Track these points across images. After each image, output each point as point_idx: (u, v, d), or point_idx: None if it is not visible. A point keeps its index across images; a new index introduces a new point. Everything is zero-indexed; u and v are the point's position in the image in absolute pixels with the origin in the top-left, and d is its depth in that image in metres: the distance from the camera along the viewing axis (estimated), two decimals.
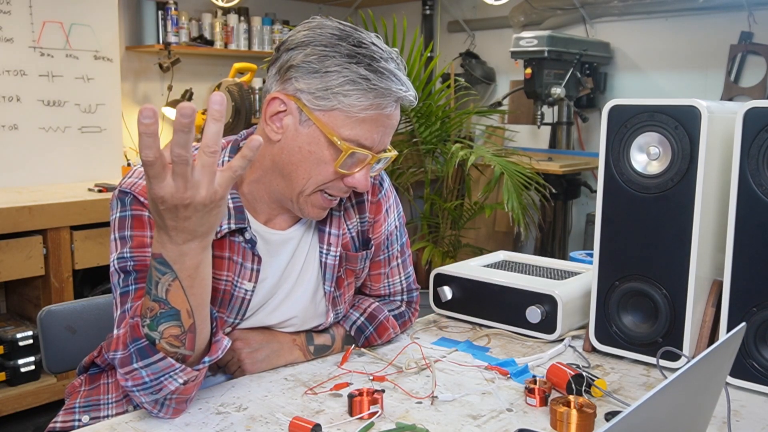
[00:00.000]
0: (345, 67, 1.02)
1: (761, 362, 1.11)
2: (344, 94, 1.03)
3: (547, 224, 4.16)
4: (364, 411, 0.99)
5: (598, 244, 1.25)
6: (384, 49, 1.08)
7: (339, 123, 1.04)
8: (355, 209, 1.26)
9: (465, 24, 4.81)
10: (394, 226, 1.33)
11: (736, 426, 1.00)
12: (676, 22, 3.90)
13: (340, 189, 1.10)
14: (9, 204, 2.64)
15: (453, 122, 3.85)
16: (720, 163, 1.18)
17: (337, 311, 1.25)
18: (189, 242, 0.89)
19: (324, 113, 1.05)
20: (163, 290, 0.92)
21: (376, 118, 1.05)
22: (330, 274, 1.22)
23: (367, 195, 1.27)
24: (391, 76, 1.05)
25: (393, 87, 1.04)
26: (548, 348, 1.31)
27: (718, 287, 1.21)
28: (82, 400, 1.20)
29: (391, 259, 1.34)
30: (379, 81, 1.03)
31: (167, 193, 0.83)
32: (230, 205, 1.10)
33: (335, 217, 1.22)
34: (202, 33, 4.10)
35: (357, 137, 1.05)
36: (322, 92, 1.03)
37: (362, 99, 1.03)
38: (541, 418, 1.02)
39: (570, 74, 3.78)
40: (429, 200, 3.90)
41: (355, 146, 1.05)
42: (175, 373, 0.94)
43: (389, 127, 1.09)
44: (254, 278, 1.13)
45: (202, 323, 0.95)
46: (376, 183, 1.28)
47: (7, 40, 3.14)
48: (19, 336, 2.77)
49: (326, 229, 1.22)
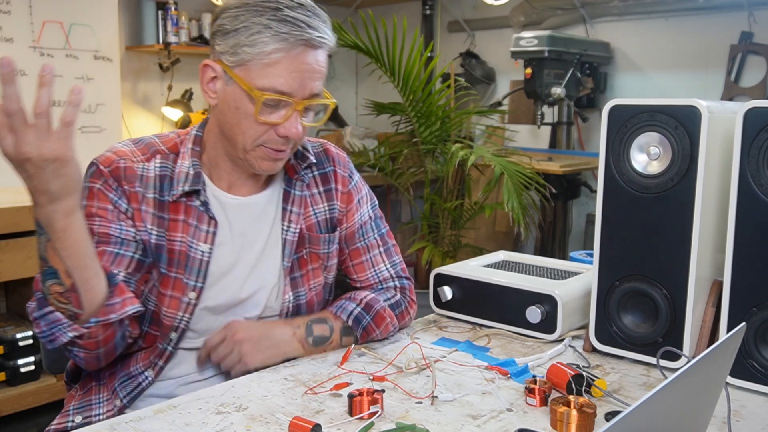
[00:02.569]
0: (251, 21, 1.10)
1: (761, 362, 1.11)
2: (250, 45, 1.10)
3: (547, 224, 4.16)
4: (364, 411, 0.99)
5: (598, 244, 1.25)
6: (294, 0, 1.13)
7: (253, 75, 1.11)
8: (323, 196, 1.32)
9: (465, 24, 4.81)
10: (369, 216, 1.38)
11: (736, 426, 1.00)
12: (676, 22, 3.90)
13: (276, 141, 1.15)
14: (9, 204, 2.64)
15: (453, 122, 3.85)
16: (720, 163, 1.18)
17: (297, 293, 1.28)
18: (50, 204, 0.96)
19: (240, 68, 1.12)
20: (43, 250, 1.02)
21: (285, 63, 1.10)
22: (289, 249, 1.27)
23: (336, 184, 1.33)
24: (297, 21, 1.09)
25: (294, 31, 1.09)
26: (548, 348, 1.31)
27: (718, 287, 1.21)
28: (75, 403, 1.23)
29: (371, 248, 1.37)
30: (280, 26, 1.09)
31: (8, 147, 0.91)
32: (189, 171, 1.20)
33: (298, 197, 1.29)
34: (202, 33, 4.10)
35: (272, 85, 1.10)
36: (234, 48, 1.11)
37: (266, 46, 1.09)
38: (541, 418, 1.02)
39: (570, 74, 3.78)
40: (429, 200, 3.90)
41: (271, 93, 1.10)
42: (64, 327, 1.05)
43: (307, 72, 1.12)
44: (210, 240, 1.20)
45: (84, 284, 1.03)
46: (345, 175, 1.35)
47: (7, 40, 3.14)
48: (19, 336, 2.77)
49: (288, 207, 1.28)
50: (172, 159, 1.21)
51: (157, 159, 1.20)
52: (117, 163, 1.18)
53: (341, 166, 1.36)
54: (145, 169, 1.19)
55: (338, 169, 1.35)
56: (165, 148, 1.22)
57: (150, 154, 1.20)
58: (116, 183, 1.17)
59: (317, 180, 1.33)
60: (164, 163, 1.20)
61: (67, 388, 1.31)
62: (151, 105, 4.05)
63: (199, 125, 1.26)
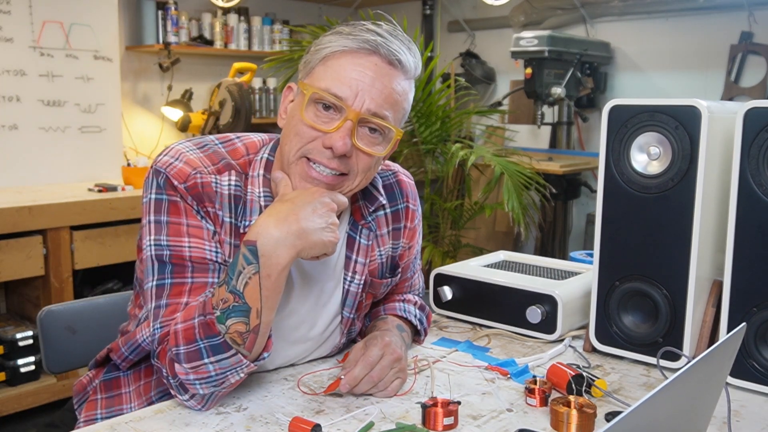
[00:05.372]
0: (330, 34, 1.04)
1: (761, 362, 1.10)
2: (321, 48, 1.03)
3: (547, 224, 4.16)
4: (439, 425, 0.97)
5: (598, 244, 1.25)
6: (381, 23, 1.06)
7: (314, 77, 1.03)
8: (390, 235, 1.23)
9: (465, 24, 4.80)
10: (417, 242, 1.31)
11: (736, 426, 1.00)
12: (677, 22, 3.90)
13: (320, 153, 1.01)
14: (9, 204, 2.64)
15: (453, 122, 3.85)
16: (720, 163, 1.18)
17: (351, 331, 1.24)
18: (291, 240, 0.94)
19: (308, 77, 1.05)
20: (243, 283, 0.93)
21: (346, 62, 1.01)
22: (351, 300, 1.19)
23: (406, 221, 1.24)
24: (370, 31, 1.02)
25: (364, 34, 1.01)
26: (548, 348, 1.31)
27: (718, 287, 1.21)
28: (103, 411, 1.17)
29: (411, 267, 1.34)
30: (352, 30, 1.02)
31: None
32: (262, 202, 1.07)
33: (364, 246, 1.18)
34: (201, 33, 4.10)
35: (327, 85, 1.00)
36: (307, 60, 1.06)
37: (332, 44, 1.02)
38: (541, 418, 1.02)
39: (570, 74, 3.78)
40: (429, 200, 3.90)
41: (322, 91, 1.00)
42: (241, 368, 0.98)
43: (369, 82, 1.00)
44: None
45: (265, 327, 0.97)
46: (414, 208, 1.26)
47: (7, 40, 3.14)
48: (19, 336, 2.77)
49: (353, 257, 1.17)
50: (243, 180, 1.07)
51: (232, 176, 1.06)
52: (194, 178, 1.02)
53: (412, 199, 1.26)
54: (218, 184, 1.04)
55: (410, 203, 1.25)
56: (237, 164, 1.07)
57: (222, 166, 1.06)
58: (196, 202, 1.02)
59: (388, 218, 1.22)
60: (238, 182, 1.06)
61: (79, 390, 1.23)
62: (151, 105, 4.05)
63: (270, 147, 1.12)
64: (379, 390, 1.07)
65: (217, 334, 0.94)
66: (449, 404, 0.99)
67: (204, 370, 0.96)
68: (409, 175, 1.30)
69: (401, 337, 1.19)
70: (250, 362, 0.98)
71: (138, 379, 1.17)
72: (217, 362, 0.95)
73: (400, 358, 1.10)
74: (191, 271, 1.02)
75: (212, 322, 0.95)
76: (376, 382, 1.06)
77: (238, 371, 0.98)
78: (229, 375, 0.97)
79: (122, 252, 2.97)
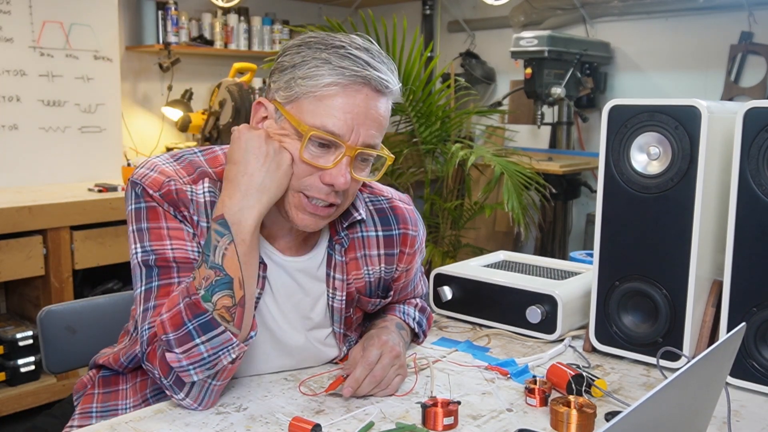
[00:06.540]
0: (312, 57, 1.01)
1: (761, 362, 1.10)
2: (306, 77, 1.00)
3: (547, 224, 4.16)
4: (439, 425, 0.97)
5: (598, 244, 1.25)
6: (359, 42, 1.04)
7: (304, 110, 1.01)
8: (382, 258, 1.21)
9: (465, 24, 4.80)
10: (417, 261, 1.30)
11: (736, 426, 1.00)
12: (676, 22, 3.90)
13: (319, 189, 1.03)
14: (9, 204, 2.64)
15: (453, 122, 3.85)
16: (720, 163, 1.18)
17: (348, 341, 1.24)
18: (251, 198, 0.97)
19: (292, 105, 1.02)
20: (220, 255, 0.96)
21: (340, 100, 1.00)
22: (338, 316, 1.19)
23: (403, 247, 1.23)
24: (358, 60, 1.00)
25: (354, 67, 0.99)
26: (548, 348, 1.31)
27: (718, 287, 1.21)
28: (98, 405, 1.17)
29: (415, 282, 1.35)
30: (341, 61, 1.00)
31: None
32: None
33: (338, 262, 1.17)
34: (202, 33, 4.10)
35: (323, 123, 1.00)
36: (288, 83, 1.02)
37: (322, 79, 0.99)
38: (541, 418, 1.02)
39: (570, 74, 3.78)
40: (429, 200, 3.90)
41: (320, 131, 1.00)
42: (232, 347, 0.97)
43: (363, 115, 1.01)
44: (260, 285, 1.10)
45: (249, 300, 0.99)
46: (414, 234, 1.24)
47: (7, 40, 3.14)
48: (19, 336, 2.77)
49: (331, 273, 1.17)
50: (219, 187, 1.07)
51: (206, 183, 1.07)
52: (167, 185, 1.04)
53: (412, 225, 1.24)
54: (194, 192, 1.06)
55: (410, 229, 1.24)
56: (213, 172, 1.09)
57: (197, 176, 1.07)
58: (172, 208, 1.04)
59: (379, 241, 1.21)
60: (212, 189, 1.07)
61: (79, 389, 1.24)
62: (151, 105, 4.05)
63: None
64: (381, 389, 1.08)
65: (204, 312, 0.95)
66: (449, 404, 0.99)
67: (196, 352, 0.96)
68: (407, 200, 1.28)
69: (399, 334, 1.20)
70: (240, 342, 0.98)
71: (135, 376, 1.17)
72: (208, 341, 0.96)
73: (399, 354, 1.11)
74: (177, 271, 1.03)
75: (198, 302, 0.96)
76: (379, 382, 1.07)
77: (229, 350, 0.97)
78: (221, 355, 0.97)
79: (122, 252, 2.97)
